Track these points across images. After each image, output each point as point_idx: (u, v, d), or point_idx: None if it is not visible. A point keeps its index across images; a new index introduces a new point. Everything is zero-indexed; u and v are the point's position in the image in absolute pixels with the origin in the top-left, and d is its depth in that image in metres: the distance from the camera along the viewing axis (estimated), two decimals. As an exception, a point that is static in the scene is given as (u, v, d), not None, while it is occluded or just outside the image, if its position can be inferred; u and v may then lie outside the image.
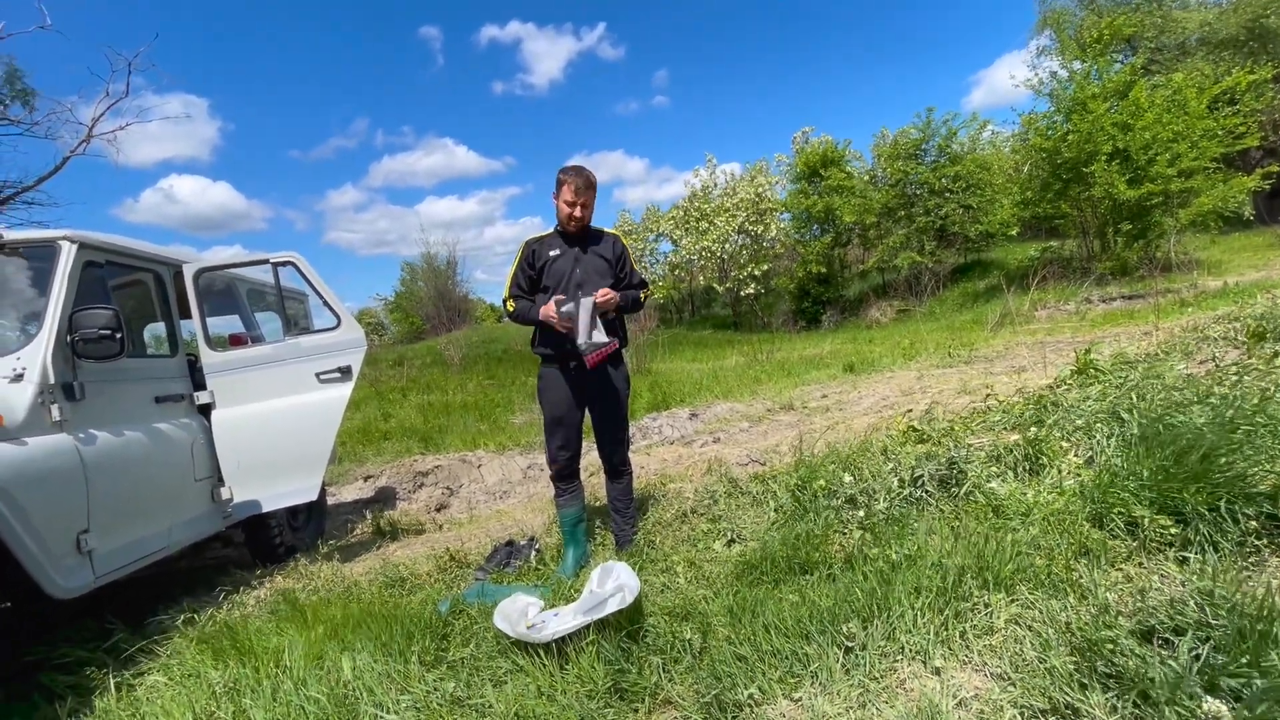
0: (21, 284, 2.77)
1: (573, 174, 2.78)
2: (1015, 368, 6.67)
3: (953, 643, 1.80)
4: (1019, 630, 1.79)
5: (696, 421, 7.51)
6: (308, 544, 4.03)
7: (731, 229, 22.04)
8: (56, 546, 2.35)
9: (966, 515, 2.52)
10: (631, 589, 2.08)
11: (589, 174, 2.81)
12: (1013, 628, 1.81)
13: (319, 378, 3.50)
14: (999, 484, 2.68)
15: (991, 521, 2.43)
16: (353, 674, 2.10)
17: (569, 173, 2.79)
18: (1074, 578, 1.93)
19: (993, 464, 2.89)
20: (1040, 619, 1.80)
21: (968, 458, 2.89)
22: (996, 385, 5.40)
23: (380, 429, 9.03)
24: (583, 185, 2.77)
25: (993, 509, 2.52)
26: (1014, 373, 6.28)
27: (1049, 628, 1.75)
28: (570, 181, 2.77)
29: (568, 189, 2.77)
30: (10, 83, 13.09)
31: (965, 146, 19.88)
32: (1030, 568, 1.98)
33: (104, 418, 2.73)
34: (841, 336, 17.08)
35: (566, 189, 2.77)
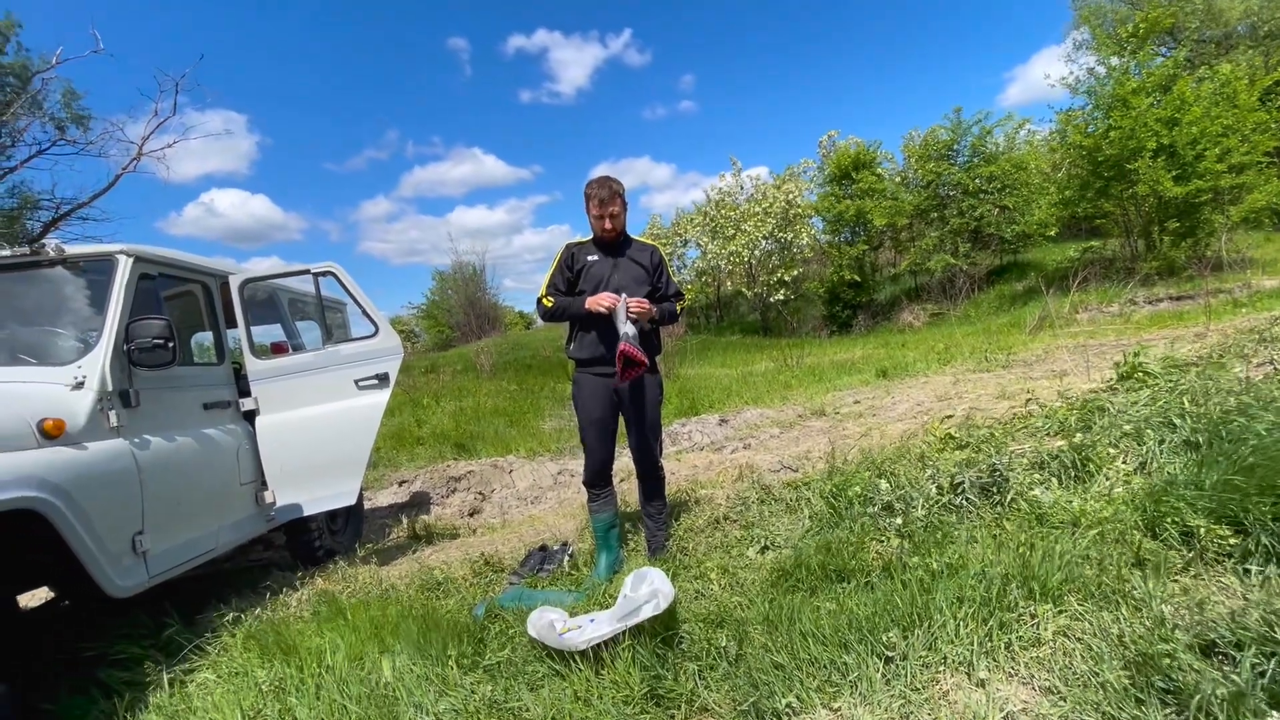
0: (81, 296, 2.91)
1: (596, 186, 2.83)
2: (1056, 372, 6.47)
3: (998, 654, 1.75)
4: (1068, 642, 1.74)
5: (726, 428, 7.47)
6: (346, 547, 4.12)
7: (761, 234, 21.91)
8: (114, 547, 2.45)
9: (1010, 523, 2.46)
10: (666, 595, 2.08)
11: (613, 183, 2.84)
12: (1061, 640, 1.75)
13: (358, 384, 3.59)
14: (1043, 492, 2.60)
15: (1036, 530, 2.36)
16: (393, 675, 2.14)
17: (593, 186, 2.84)
18: (1127, 589, 1.86)
19: (1037, 471, 2.81)
20: (1091, 631, 1.74)
21: (1010, 464, 2.81)
22: (1037, 390, 5.25)
23: (414, 434, 9.20)
24: (607, 195, 2.80)
25: (1037, 517, 2.45)
26: (1055, 377, 6.09)
27: (1101, 640, 1.69)
28: (595, 194, 2.81)
29: (594, 203, 2.81)
30: (68, 106, 13.78)
31: (1000, 146, 19.43)
32: (1079, 578, 1.91)
33: (157, 423, 2.85)
34: (873, 341, 16.80)
35: (593, 204, 2.82)
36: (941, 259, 19.13)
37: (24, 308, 2.93)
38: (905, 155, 21.72)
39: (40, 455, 2.25)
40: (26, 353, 2.81)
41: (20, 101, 12.80)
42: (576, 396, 2.96)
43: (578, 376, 2.96)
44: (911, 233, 21.28)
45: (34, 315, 2.93)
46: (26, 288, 2.89)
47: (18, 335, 2.91)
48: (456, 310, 34.22)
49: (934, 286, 20.22)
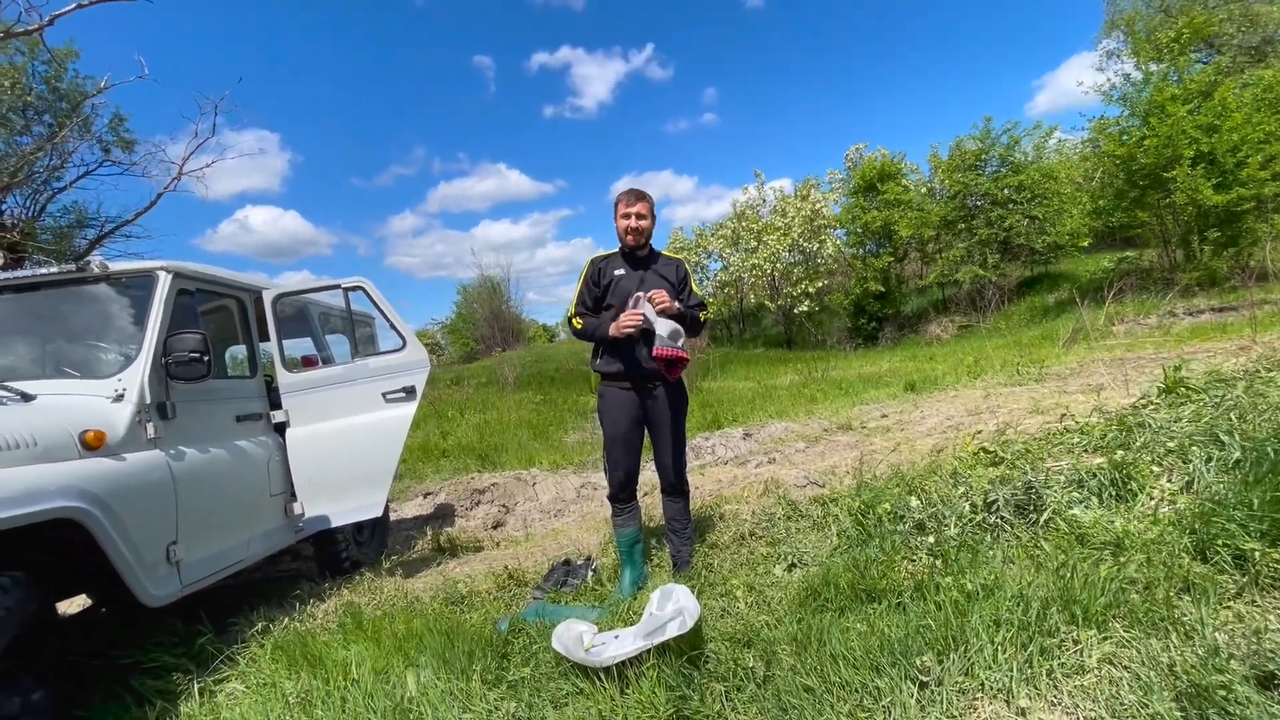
0: (123, 311, 3.00)
1: (624, 192, 2.92)
2: (1092, 386, 6.28)
3: (1038, 681, 1.68)
4: (1114, 671, 1.66)
5: (750, 441, 7.39)
6: (371, 558, 4.16)
7: (783, 246, 21.81)
8: (149, 556, 2.50)
9: (1047, 544, 2.37)
10: (691, 612, 2.05)
11: (640, 189, 2.92)
12: (1107, 668, 1.67)
13: (385, 397, 3.64)
14: (1083, 510, 2.51)
15: (1077, 551, 2.27)
16: (417, 690, 2.13)
17: (622, 193, 2.93)
18: (1176, 615, 1.78)
19: (1074, 489, 2.71)
20: (1139, 659, 1.66)
21: (1046, 482, 2.72)
22: (1072, 405, 5.09)
23: (439, 447, 9.29)
24: (634, 197, 2.87)
25: (1077, 538, 2.36)
26: (1091, 391, 5.91)
27: (1149, 669, 1.61)
28: (623, 197, 2.90)
29: (621, 203, 2.89)
30: (114, 128, 14.39)
31: (1029, 155, 19.11)
32: (1125, 603, 1.83)
33: (191, 435, 2.91)
34: (900, 354, 16.54)
35: (620, 203, 2.89)
36: (970, 270, 18.82)
37: (69, 322, 3.04)
38: (931, 166, 21.48)
39: (81, 466, 2.32)
40: (71, 366, 2.91)
41: (71, 125, 13.40)
42: (602, 410, 2.96)
43: (603, 390, 2.95)
44: (939, 244, 20.99)
45: (78, 330, 3.03)
46: (72, 303, 3.00)
47: (63, 349, 3.01)
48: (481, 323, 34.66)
49: (962, 298, 19.88)
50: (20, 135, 13.59)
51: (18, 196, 13.49)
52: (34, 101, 13.49)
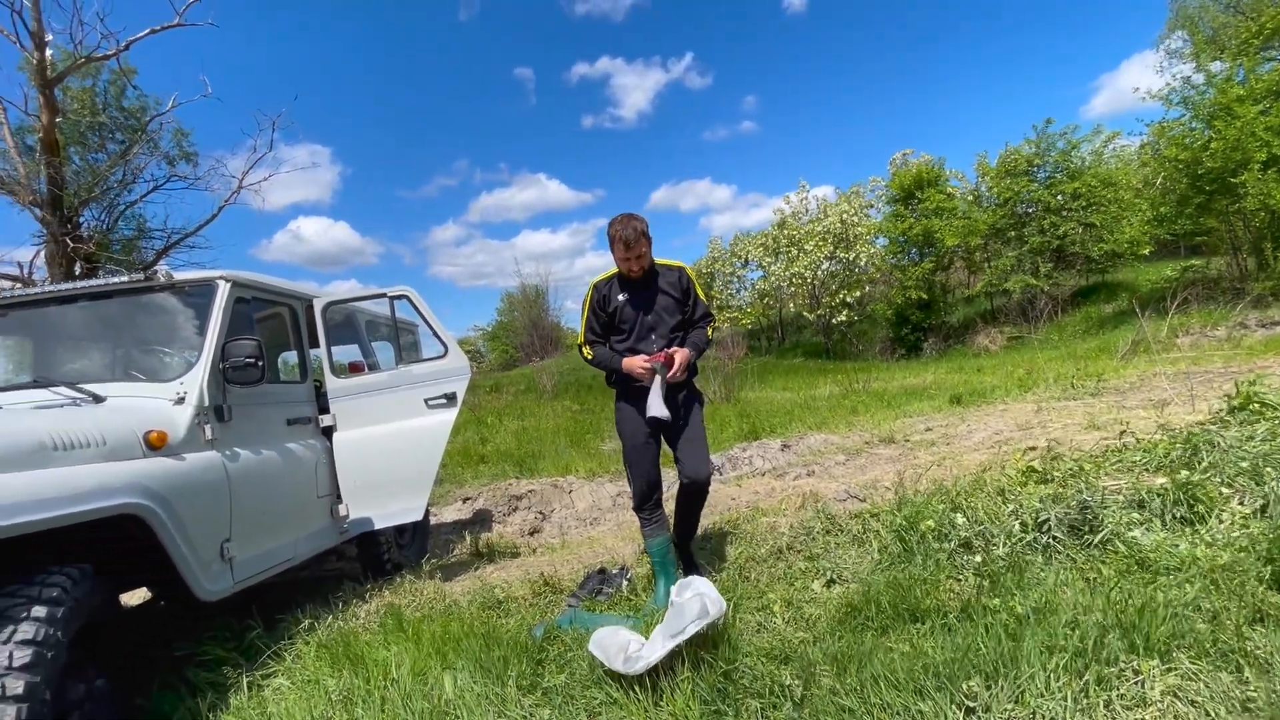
0: (185, 317, 3.16)
1: (620, 226, 2.75)
2: (1154, 401, 5.96)
3: (1095, 712, 1.60)
4: (1179, 705, 1.56)
5: (789, 453, 7.27)
6: (412, 561, 4.24)
7: (823, 255, 21.51)
8: (205, 553, 2.61)
9: (1105, 567, 2.26)
10: (714, 601, 2.02)
11: (636, 222, 2.76)
12: (1171, 701, 1.58)
13: (427, 403, 3.72)
14: (1143, 533, 2.38)
15: (1137, 576, 2.16)
16: (454, 692, 2.16)
17: (616, 226, 2.76)
18: (1248, 647, 1.66)
19: (1134, 510, 2.58)
20: (1207, 694, 1.56)
21: (1103, 502, 2.59)
22: (1133, 421, 4.85)
23: (478, 452, 9.44)
24: (633, 237, 2.73)
25: (1137, 562, 2.24)
26: (1153, 407, 5.61)
27: (1219, 704, 1.51)
28: (619, 236, 2.74)
29: (619, 247, 2.76)
30: (179, 145, 15.24)
31: (1085, 161, 18.39)
32: (1190, 632, 1.72)
33: (245, 437, 3.04)
34: (945, 365, 16.07)
35: (618, 247, 2.76)
36: (1020, 279, 18.18)
37: (137, 328, 3.21)
38: (979, 172, 20.89)
39: (145, 465, 2.44)
40: (137, 369, 3.07)
41: (140, 142, 14.23)
42: (619, 422, 2.98)
43: (620, 404, 2.98)
44: (986, 252, 20.34)
45: (144, 335, 3.20)
46: (139, 310, 3.17)
47: (130, 353, 3.18)
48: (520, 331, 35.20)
49: (1012, 308, 19.21)
50: (95, 153, 14.52)
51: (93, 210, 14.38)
52: (107, 121, 14.39)
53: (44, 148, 11.68)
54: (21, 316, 3.20)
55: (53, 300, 3.15)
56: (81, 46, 11.83)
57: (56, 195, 12.03)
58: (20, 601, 1.88)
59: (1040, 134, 18.32)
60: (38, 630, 1.84)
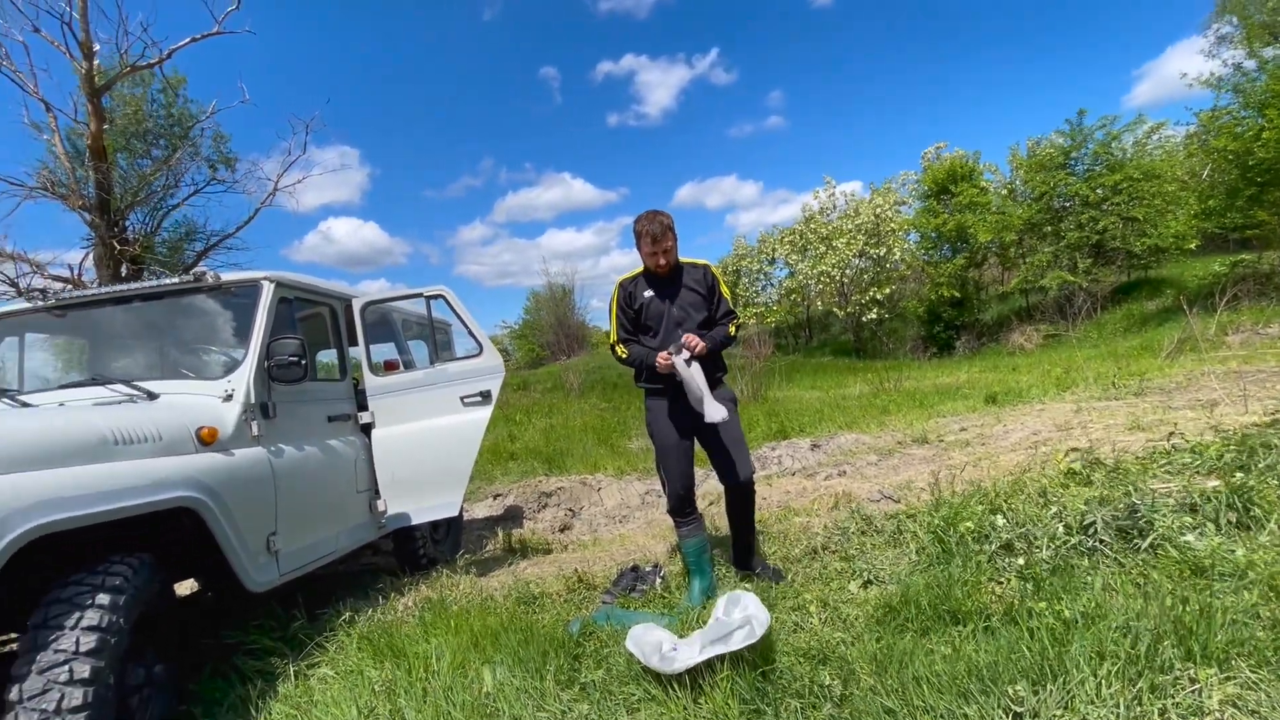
0: (231, 317, 3.26)
1: (646, 222, 2.78)
2: (1203, 402, 5.76)
3: (1149, 721, 1.55)
4: (1239, 715, 1.51)
5: (819, 453, 7.20)
6: (447, 556, 4.31)
7: (852, 252, 21.20)
8: (253, 545, 2.70)
9: (1156, 572, 2.19)
10: (761, 621, 2.01)
11: (662, 217, 2.79)
12: (1231, 711, 1.53)
13: (463, 401, 3.78)
14: (1196, 538, 2.30)
15: (1191, 582, 2.09)
16: (494, 686, 2.20)
17: (643, 222, 2.79)
18: (1313, 657, 1.60)
19: (1186, 514, 2.50)
20: (1269, 704, 1.50)
21: (1153, 505, 2.51)
22: (1180, 422, 4.69)
23: (507, 449, 9.55)
24: (659, 232, 2.76)
25: (1191, 567, 2.17)
26: (1202, 407, 5.43)
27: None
28: (646, 231, 2.77)
29: (645, 241, 2.78)
30: (218, 150, 15.70)
31: (1127, 152, 17.79)
32: (1250, 640, 1.67)
33: (289, 434, 3.12)
34: (979, 364, 15.72)
35: (644, 241, 2.78)
36: (1057, 276, 17.69)
37: (185, 328, 3.33)
38: (1012, 166, 20.38)
39: (197, 459, 2.53)
40: (186, 367, 3.18)
41: (183, 148, 14.70)
42: (650, 423, 2.97)
43: (650, 403, 2.97)
44: (1021, 248, 19.83)
45: (193, 334, 3.32)
46: (188, 310, 3.28)
47: (180, 352, 3.30)
48: (546, 329, 35.45)
49: (1048, 305, 18.71)
50: (141, 159, 15.04)
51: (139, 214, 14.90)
52: (152, 128, 14.89)
53: (92, 154, 12.14)
54: (79, 317, 3.34)
55: (108, 301, 3.28)
56: (127, 55, 12.27)
57: (104, 199, 12.49)
58: (85, 590, 1.97)
59: (1074, 126, 17.78)
60: (102, 617, 1.93)
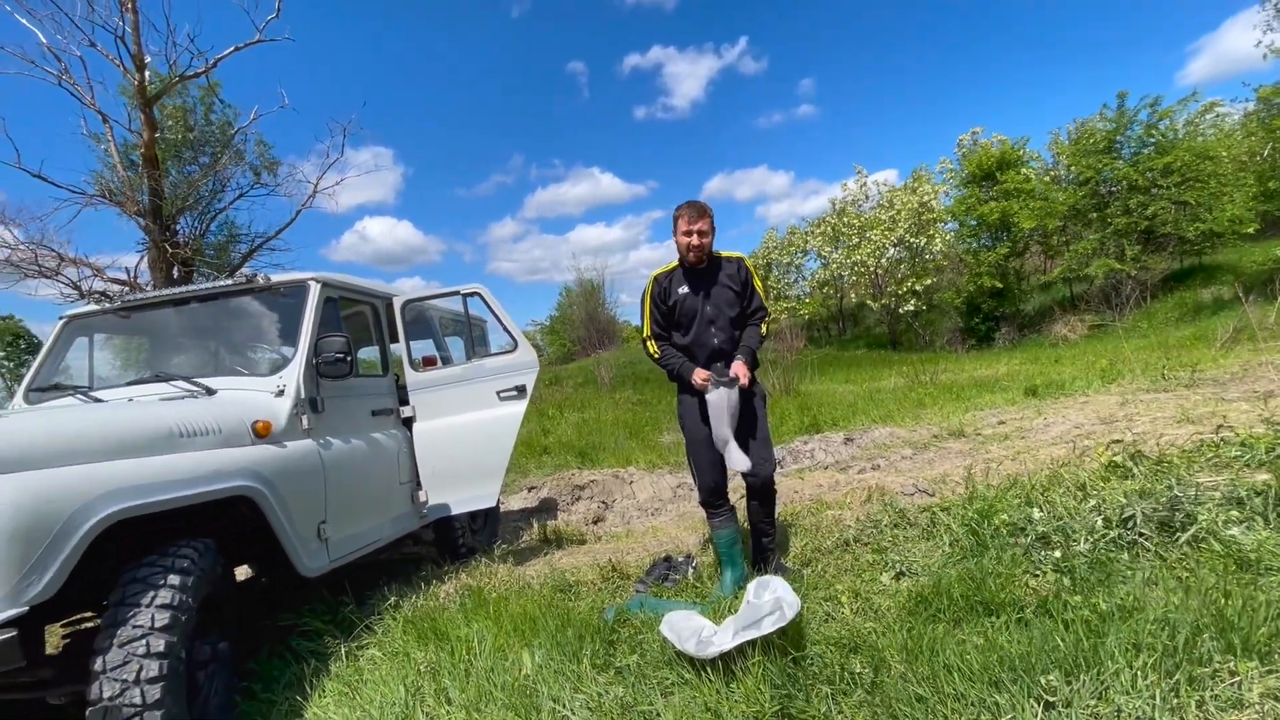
0: (280, 316, 3.42)
1: (685, 207, 2.87)
2: (1259, 393, 5.53)
3: (1186, 712, 1.55)
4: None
5: (852, 446, 7.14)
6: (485, 546, 4.45)
7: (888, 241, 20.78)
8: (305, 532, 2.85)
9: (1199, 566, 2.15)
10: (790, 604, 2.05)
11: (701, 203, 2.88)
12: (1272, 704, 1.51)
13: (499, 395, 3.89)
14: (1243, 532, 2.25)
15: (1236, 576, 2.05)
16: (533, 669, 2.29)
17: (681, 207, 2.88)
18: (1361, 652, 1.57)
19: (1232, 507, 2.44)
20: (1312, 698, 1.48)
21: (1197, 498, 2.46)
22: (1231, 414, 4.52)
23: (540, 443, 9.71)
24: (695, 214, 2.83)
25: (1236, 561, 2.13)
26: (1257, 399, 5.21)
27: (1326, 710, 1.44)
28: (684, 214, 2.85)
29: (683, 220, 2.85)
30: (261, 155, 16.27)
31: (1178, 133, 17.01)
32: (1294, 634, 1.64)
33: (336, 427, 3.27)
34: (1020, 356, 15.29)
35: (682, 221, 2.85)
36: (1103, 264, 17.05)
37: (238, 327, 3.51)
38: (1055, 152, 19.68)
39: (253, 451, 2.68)
40: (240, 364, 3.36)
41: (227, 154, 15.27)
42: (682, 415, 3.02)
43: (682, 397, 3.01)
44: (1065, 236, 19.16)
45: (245, 333, 3.50)
46: (240, 310, 3.46)
47: (234, 350, 3.48)
48: (577, 325, 35.71)
49: (1094, 294, 18.05)
50: (189, 165, 15.68)
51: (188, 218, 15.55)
52: (197, 136, 15.51)
53: (145, 162, 12.72)
54: (142, 318, 3.55)
55: (168, 303, 3.48)
56: (175, 66, 12.79)
57: (156, 205, 13.08)
58: (158, 571, 2.12)
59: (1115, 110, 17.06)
60: (173, 596, 2.07)
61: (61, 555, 1.89)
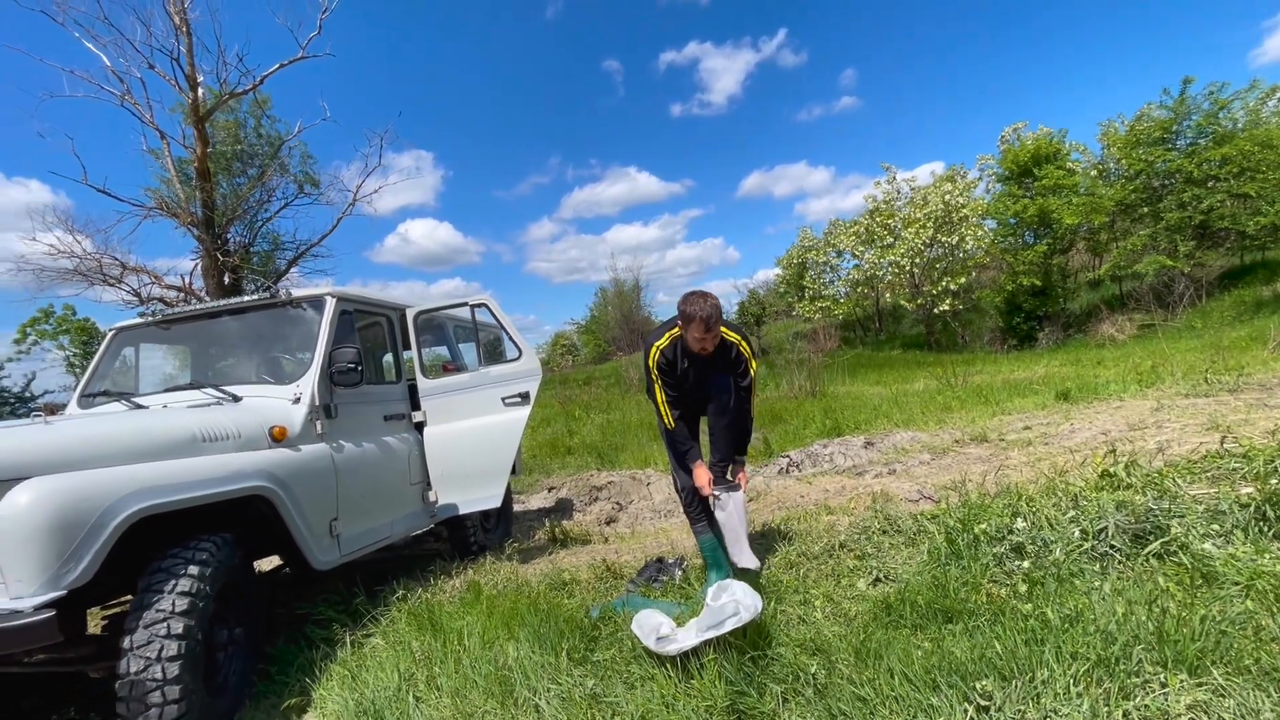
0: (300, 328, 3.68)
1: (698, 305, 2.79)
2: (1298, 399, 5.29)
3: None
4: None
5: (871, 451, 7.10)
6: (496, 544, 4.65)
7: (922, 241, 20.33)
8: (318, 529, 3.08)
9: (1164, 578, 2.16)
10: (748, 607, 2.15)
11: (712, 305, 2.81)
12: (1196, 716, 1.54)
13: (504, 401, 4.08)
14: (1216, 545, 2.24)
15: (1200, 590, 2.06)
16: (515, 661, 2.45)
17: (695, 305, 2.79)
18: (1293, 667, 1.59)
19: (1213, 520, 2.42)
20: (1234, 713, 1.51)
21: (1174, 510, 2.45)
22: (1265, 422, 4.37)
23: (565, 444, 9.94)
24: (713, 319, 2.79)
25: (1202, 575, 2.13)
26: (1294, 406, 5.00)
27: (1243, 722, 1.47)
28: (698, 316, 2.77)
29: (696, 327, 2.79)
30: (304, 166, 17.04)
31: (1239, 122, 16.15)
32: (1229, 649, 1.66)
33: (349, 431, 3.51)
34: (1061, 357, 14.78)
35: (695, 328, 2.79)
36: (1154, 260, 16.32)
37: (262, 337, 3.79)
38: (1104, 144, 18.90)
39: (270, 454, 2.93)
40: (266, 373, 3.63)
41: (273, 166, 16.06)
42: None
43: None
44: (1113, 232, 18.40)
45: (268, 343, 3.77)
46: (264, 322, 3.74)
47: (259, 359, 3.76)
48: (612, 325, 36.01)
49: (1144, 293, 17.30)
50: (238, 178, 16.54)
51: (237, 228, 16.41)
52: (245, 149, 16.35)
53: (198, 176, 13.52)
54: (180, 329, 3.87)
55: (202, 316, 3.79)
56: (225, 85, 13.55)
57: (209, 216, 13.88)
58: (179, 562, 2.37)
59: (1178, 96, 16.28)
60: (192, 584, 2.31)
61: (94, 547, 2.14)
